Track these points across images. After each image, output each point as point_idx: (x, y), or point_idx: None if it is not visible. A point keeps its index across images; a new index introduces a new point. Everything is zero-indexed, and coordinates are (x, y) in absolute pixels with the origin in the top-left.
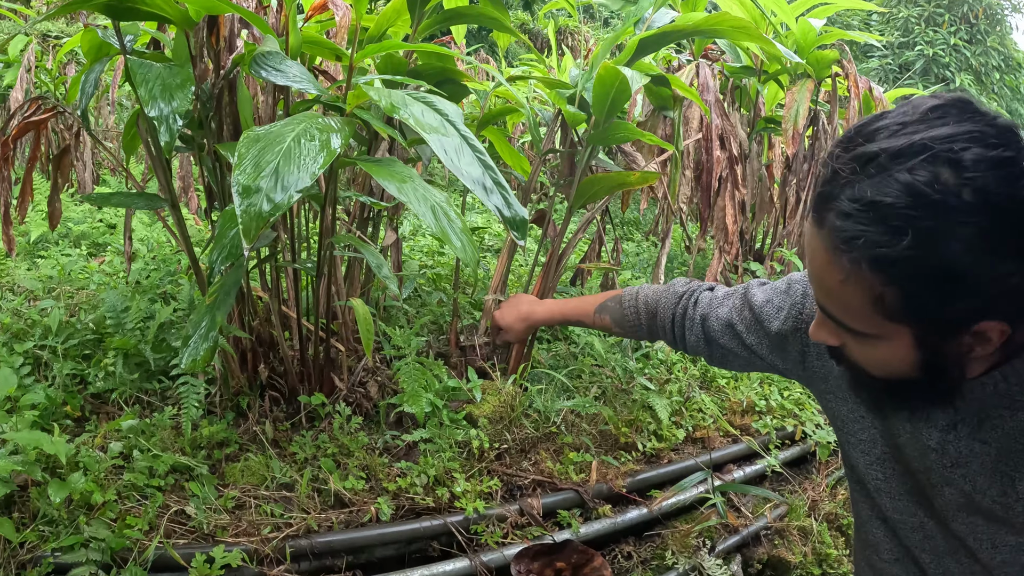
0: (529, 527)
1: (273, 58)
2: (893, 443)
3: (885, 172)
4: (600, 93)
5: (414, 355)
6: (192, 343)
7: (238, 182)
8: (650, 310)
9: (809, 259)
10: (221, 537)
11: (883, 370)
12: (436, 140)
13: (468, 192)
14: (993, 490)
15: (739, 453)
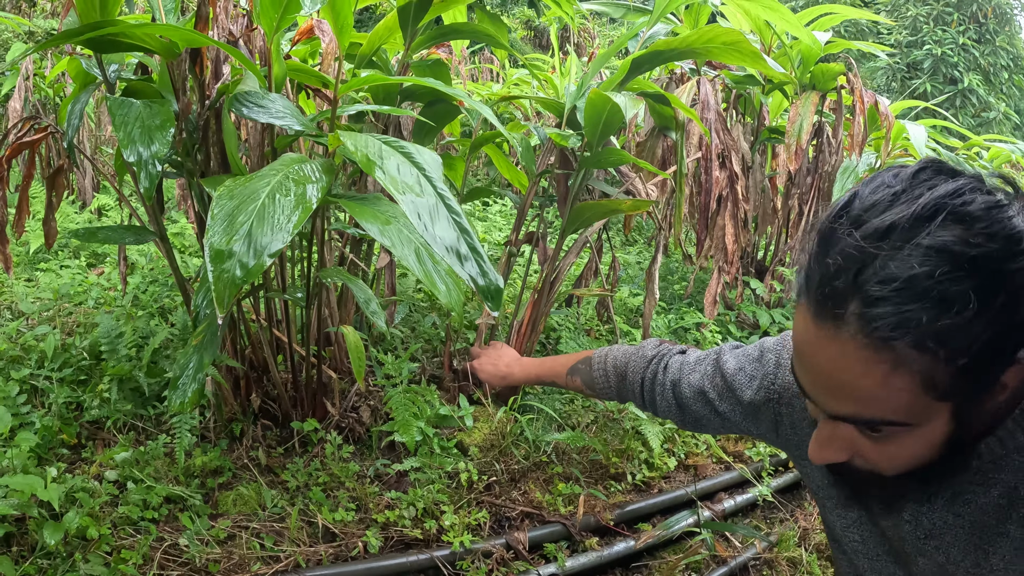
0: (515, 561)
1: (254, 96)
2: (868, 511)
3: (909, 243)
4: (592, 117)
5: (405, 383)
6: (180, 384)
7: (211, 245)
8: (619, 373)
9: (823, 368)
10: (213, 571)
11: (904, 464)
12: (410, 202)
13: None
14: (967, 562)
15: (731, 481)
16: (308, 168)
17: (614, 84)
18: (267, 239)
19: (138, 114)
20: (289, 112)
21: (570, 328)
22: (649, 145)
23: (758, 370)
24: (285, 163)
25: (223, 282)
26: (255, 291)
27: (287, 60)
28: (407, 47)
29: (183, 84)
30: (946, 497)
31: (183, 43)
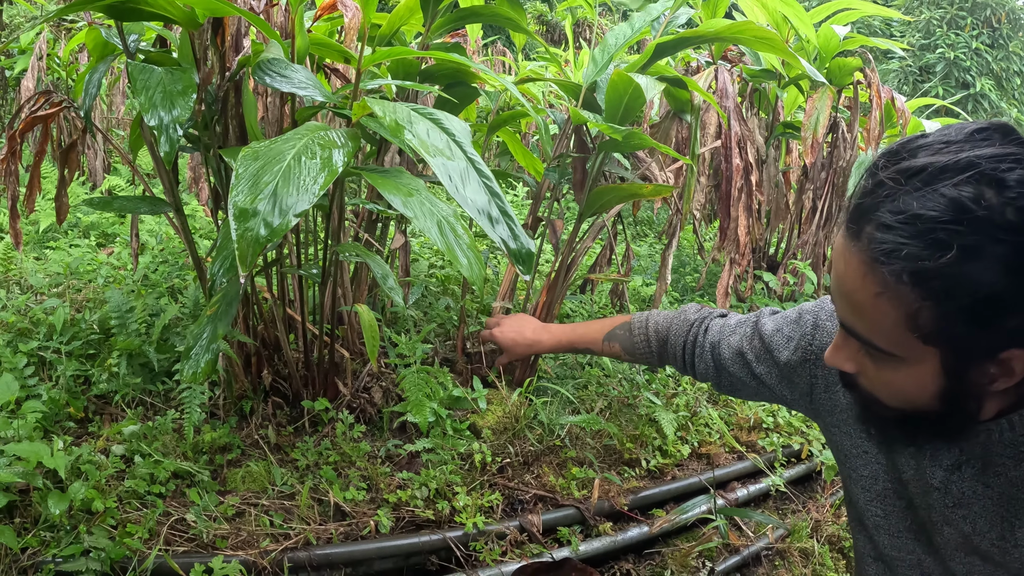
0: (528, 544)
1: (278, 64)
2: (896, 479)
3: (929, 186)
4: (613, 99)
5: (419, 363)
6: (193, 355)
7: (235, 204)
8: (660, 337)
9: (839, 274)
10: (220, 547)
11: (899, 399)
12: (440, 164)
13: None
14: (992, 533)
15: (744, 471)
16: (334, 134)
17: (636, 67)
18: (293, 199)
19: (160, 79)
20: (312, 83)
21: (584, 314)
22: (663, 128)
23: (795, 331)
24: (310, 129)
25: (247, 240)
26: (268, 267)
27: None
28: (427, 29)
29: (204, 54)
30: (977, 467)
31: (206, 12)
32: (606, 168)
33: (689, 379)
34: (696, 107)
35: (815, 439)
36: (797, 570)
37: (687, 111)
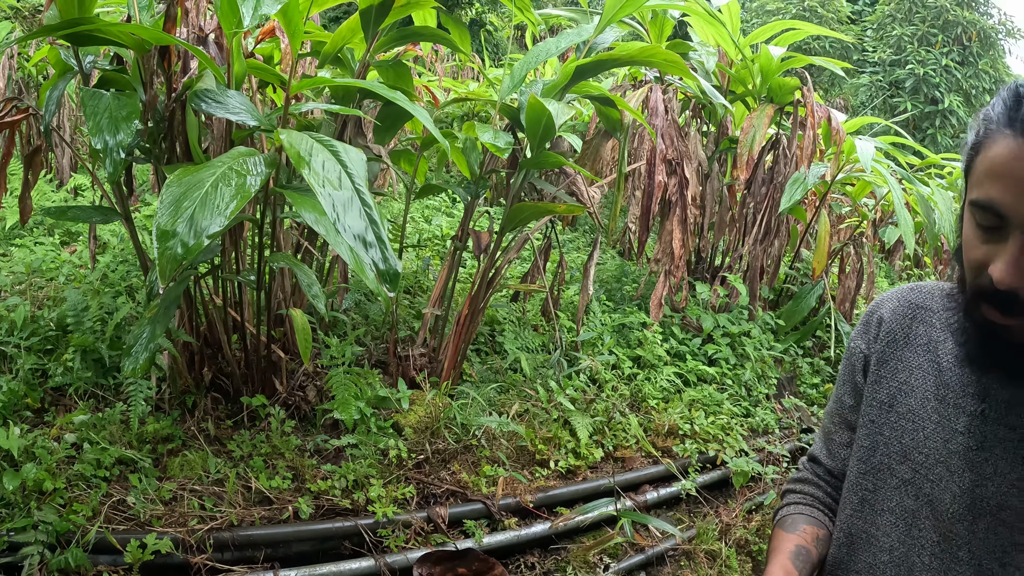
0: (434, 534)
1: (212, 92)
2: (922, 433)
3: None
4: (531, 119)
5: (347, 364)
6: (134, 352)
7: (157, 226)
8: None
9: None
10: (155, 526)
11: None
12: (327, 195)
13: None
14: (1013, 475)
15: (657, 474)
16: (251, 161)
17: (557, 89)
18: (207, 222)
19: (107, 105)
20: (245, 108)
21: (514, 322)
22: (594, 144)
23: (846, 368)
24: (232, 156)
25: (166, 257)
26: (213, 271)
27: (250, 59)
28: (368, 48)
29: (151, 78)
30: (1001, 410)
31: (152, 41)
32: (534, 183)
33: (610, 386)
34: (626, 125)
35: (729, 447)
36: (703, 570)
37: (617, 129)
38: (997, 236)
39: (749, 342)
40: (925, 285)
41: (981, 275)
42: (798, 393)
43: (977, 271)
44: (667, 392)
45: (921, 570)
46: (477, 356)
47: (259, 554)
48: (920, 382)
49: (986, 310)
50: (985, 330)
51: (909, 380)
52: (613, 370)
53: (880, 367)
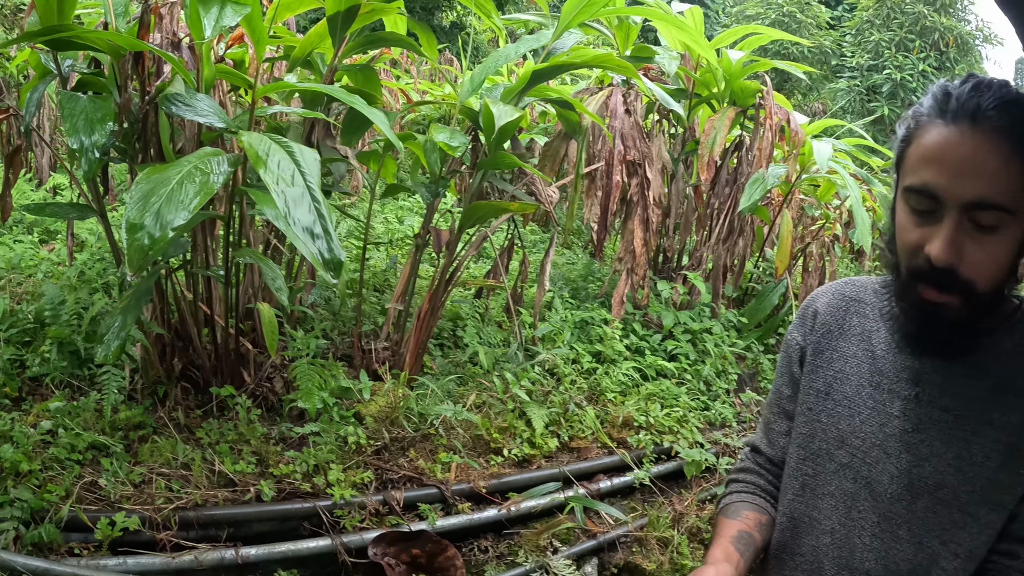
0: (389, 516)
1: (182, 96)
2: (860, 418)
3: (1005, 88)
4: (488, 122)
5: (311, 356)
6: (106, 340)
7: (127, 219)
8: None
9: (967, 164)
10: (124, 505)
11: (989, 275)
12: (280, 191)
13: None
14: (949, 454)
15: (612, 464)
16: (215, 161)
17: (514, 93)
18: (172, 216)
19: (83, 107)
20: (213, 111)
21: (477, 318)
22: (555, 146)
23: (783, 360)
24: (198, 156)
25: (135, 248)
26: (185, 266)
27: (220, 63)
28: (336, 53)
29: (126, 81)
30: (935, 394)
31: (126, 47)
32: (494, 183)
33: (569, 380)
34: (585, 128)
35: (683, 438)
36: (655, 556)
37: (577, 132)
38: (932, 218)
39: (710, 338)
40: (858, 280)
41: (917, 256)
42: (759, 389)
43: (913, 253)
44: (625, 386)
45: (862, 551)
46: (440, 350)
47: (222, 533)
48: (855, 370)
49: (923, 290)
50: (922, 311)
51: (844, 369)
52: (573, 364)
53: (816, 357)
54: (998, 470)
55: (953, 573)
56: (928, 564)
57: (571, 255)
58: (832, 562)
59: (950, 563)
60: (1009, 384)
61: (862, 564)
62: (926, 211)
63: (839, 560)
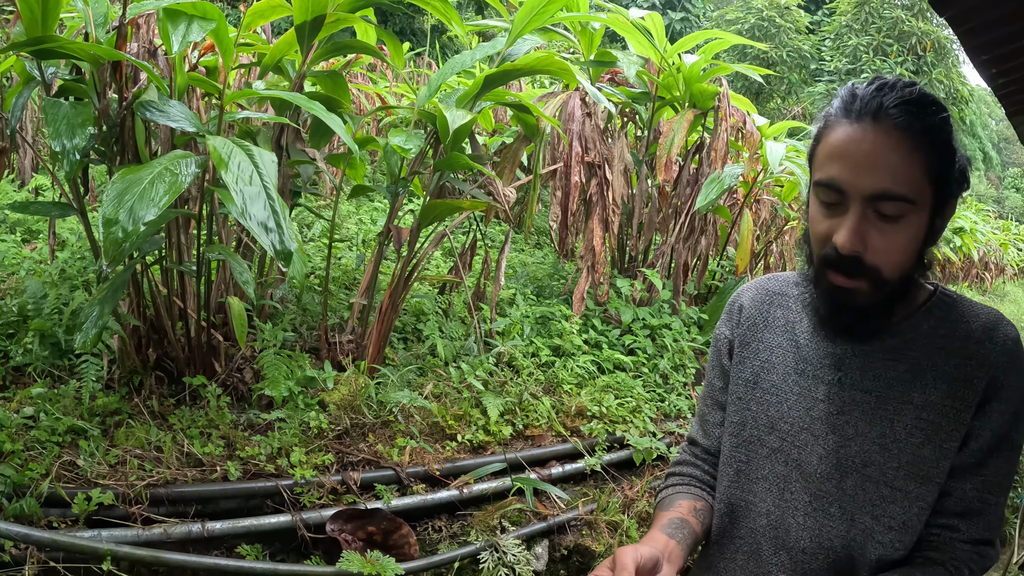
0: (347, 495)
1: (156, 102)
2: (785, 401)
3: (909, 88)
4: (443, 127)
5: (278, 348)
6: (84, 328)
7: (103, 215)
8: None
9: (873, 151)
10: (100, 482)
11: (895, 263)
12: (239, 190)
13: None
14: (873, 432)
15: (565, 452)
16: (184, 163)
17: (469, 98)
18: (143, 212)
19: (65, 113)
20: (185, 116)
21: (439, 313)
22: (514, 148)
23: (713, 354)
24: (169, 158)
25: (110, 241)
26: (159, 262)
27: (193, 72)
28: (304, 60)
29: (104, 88)
30: (856, 377)
31: (106, 57)
32: (452, 184)
33: (527, 372)
34: (542, 130)
35: (636, 428)
36: (603, 539)
37: (535, 134)
38: (838, 210)
39: (669, 334)
40: (780, 275)
41: (827, 245)
42: None
43: (823, 243)
44: (581, 378)
45: (797, 530)
46: (402, 344)
47: (190, 509)
48: (780, 359)
49: (832, 276)
50: (834, 295)
51: (770, 358)
52: (532, 358)
53: (743, 349)
54: (921, 446)
55: (890, 545)
56: (863, 539)
57: (541, 255)
58: (769, 543)
59: (885, 536)
60: (926, 365)
61: (797, 543)
62: (833, 203)
63: (775, 540)
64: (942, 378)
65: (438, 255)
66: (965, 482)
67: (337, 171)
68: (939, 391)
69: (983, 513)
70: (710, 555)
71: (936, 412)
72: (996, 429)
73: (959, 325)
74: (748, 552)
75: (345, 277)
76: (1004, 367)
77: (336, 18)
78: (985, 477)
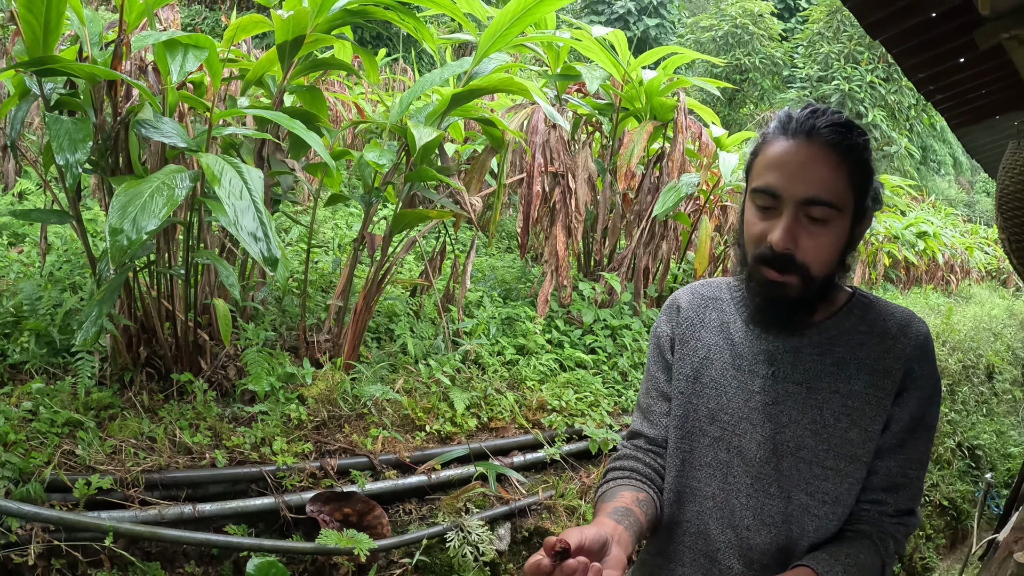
0: (325, 479)
1: (150, 120)
2: (726, 391)
3: (835, 114)
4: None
5: (260, 346)
6: (84, 327)
7: (109, 224)
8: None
9: (802, 168)
10: (99, 468)
11: (821, 261)
12: (231, 204)
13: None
14: (805, 419)
15: (527, 442)
16: (179, 177)
17: (437, 114)
18: (145, 222)
19: (67, 128)
20: (176, 132)
21: (411, 315)
22: (481, 159)
23: (654, 351)
24: (166, 172)
25: (116, 248)
26: (149, 267)
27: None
28: (285, 76)
29: (100, 104)
30: (787, 370)
31: (102, 76)
32: (423, 194)
33: (492, 369)
34: (507, 142)
35: (593, 420)
36: (562, 522)
37: (500, 146)
38: (773, 213)
39: (629, 334)
40: (714, 280)
41: (762, 245)
42: None
43: (758, 243)
44: (544, 375)
45: (740, 510)
46: (376, 343)
47: (182, 493)
48: (718, 356)
49: (766, 271)
50: (768, 289)
51: (708, 356)
52: (497, 356)
53: (682, 346)
54: (848, 430)
55: (824, 517)
56: (800, 514)
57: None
58: (716, 523)
59: (819, 510)
60: (849, 359)
61: (742, 521)
62: (769, 207)
63: (721, 520)
64: (864, 370)
65: (411, 259)
66: (889, 461)
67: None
68: (862, 381)
69: (906, 487)
70: (659, 540)
71: (860, 400)
72: (913, 413)
73: (877, 323)
74: (696, 533)
75: (322, 280)
76: (918, 359)
77: (315, 38)
78: (907, 455)
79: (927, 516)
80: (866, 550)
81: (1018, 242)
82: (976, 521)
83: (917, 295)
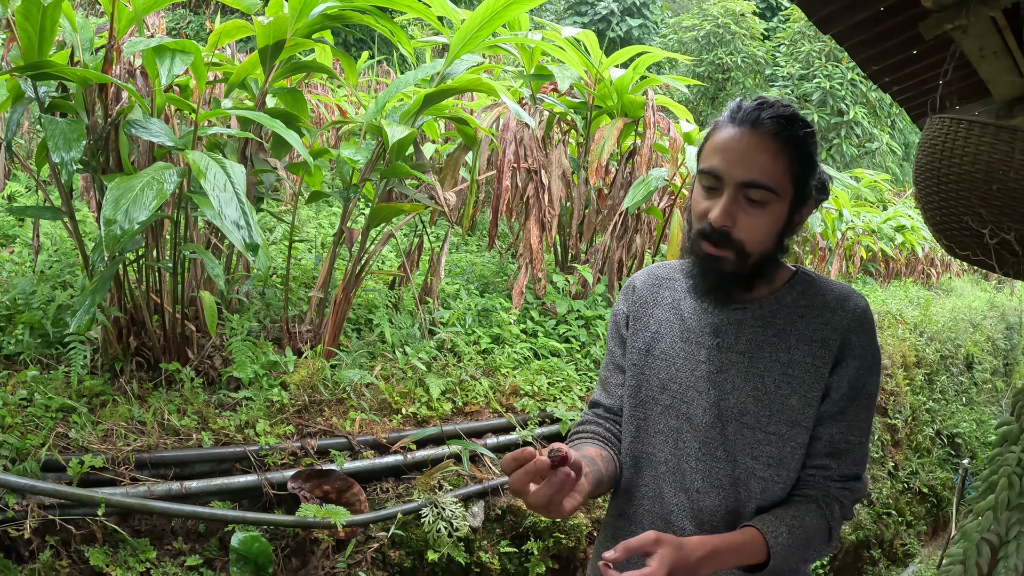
0: (305, 458)
1: (139, 121)
2: (675, 362)
3: (784, 106)
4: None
5: (244, 336)
6: (78, 315)
7: (103, 215)
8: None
9: (743, 154)
10: (91, 449)
11: (758, 240)
12: (216, 196)
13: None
14: (748, 387)
15: (500, 425)
16: (167, 173)
17: (411, 113)
18: (136, 213)
19: (62, 129)
20: (164, 132)
21: (389, 306)
22: (455, 156)
23: (612, 329)
24: (155, 169)
25: (109, 238)
26: (137, 260)
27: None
28: (267, 79)
29: (92, 107)
30: (731, 341)
31: (94, 80)
32: (400, 189)
33: (468, 357)
34: (479, 140)
35: (563, 404)
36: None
37: (472, 143)
38: (715, 194)
39: (602, 324)
40: (668, 263)
41: (703, 222)
42: None
43: (701, 219)
44: (518, 362)
45: (691, 473)
46: (356, 333)
47: (170, 471)
48: (668, 330)
49: (705, 246)
50: (705, 262)
51: (659, 330)
52: (473, 345)
53: (636, 323)
54: (788, 396)
55: (769, 480)
56: (746, 476)
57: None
58: (669, 486)
59: (764, 472)
60: (790, 330)
61: (692, 484)
62: (712, 188)
63: (674, 483)
64: (803, 340)
65: (391, 254)
66: (831, 427)
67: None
68: (801, 351)
69: (849, 452)
70: (619, 503)
71: (799, 368)
72: (852, 381)
73: (816, 297)
74: (652, 497)
75: (304, 276)
76: (855, 330)
77: (295, 42)
78: (848, 422)
79: (907, 504)
80: (812, 513)
81: (932, 212)
82: (955, 507)
83: (897, 288)
